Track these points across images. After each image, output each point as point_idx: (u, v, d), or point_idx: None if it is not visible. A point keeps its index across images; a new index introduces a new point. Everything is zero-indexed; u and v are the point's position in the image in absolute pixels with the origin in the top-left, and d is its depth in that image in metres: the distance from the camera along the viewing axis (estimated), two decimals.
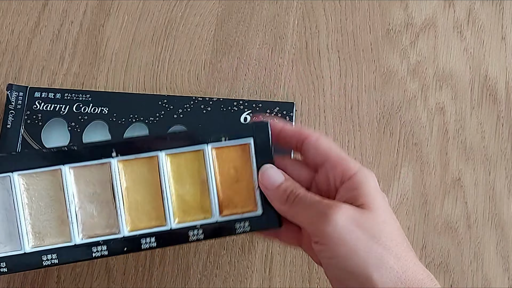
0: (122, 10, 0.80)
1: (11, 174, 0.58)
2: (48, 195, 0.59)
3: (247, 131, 0.61)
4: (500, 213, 0.73)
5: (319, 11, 0.80)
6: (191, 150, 0.61)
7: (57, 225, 0.59)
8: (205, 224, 0.60)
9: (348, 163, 0.58)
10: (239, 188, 0.61)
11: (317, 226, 0.54)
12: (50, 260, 0.58)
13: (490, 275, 0.71)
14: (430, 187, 0.74)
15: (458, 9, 0.81)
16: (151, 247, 0.59)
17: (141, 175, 0.60)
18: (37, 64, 0.77)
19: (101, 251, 0.59)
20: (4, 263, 0.58)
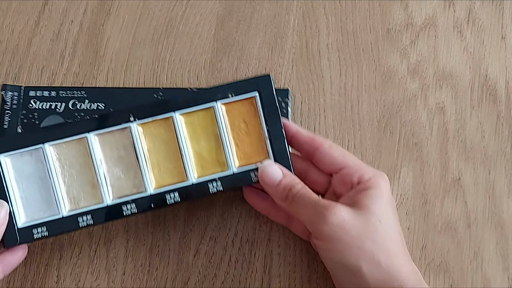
0: (122, 10, 0.80)
1: (43, 145, 0.65)
2: (78, 163, 0.66)
3: (251, 86, 0.67)
4: (500, 212, 0.73)
5: (319, 10, 0.80)
6: (203, 108, 0.67)
7: (89, 190, 0.66)
8: (223, 176, 0.66)
9: (365, 169, 0.64)
10: (251, 141, 0.67)
11: (315, 225, 0.60)
12: (86, 221, 0.65)
13: (490, 275, 0.71)
14: (430, 187, 0.74)
15: (458, 8, 0.81)
16: (176, 201, 0.66)
17: (159, 136, 0.67)
18: (37, 63, 0.77)
19: (131, 209, 0.65)
20: (44, 227, 0.65)
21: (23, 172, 0.66)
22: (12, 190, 0.65)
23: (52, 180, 0.65)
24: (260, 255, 0.71)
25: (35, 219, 0.65)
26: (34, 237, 0.64)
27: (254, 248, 0.71)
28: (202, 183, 0.66)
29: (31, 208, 0.65)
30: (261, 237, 0.71)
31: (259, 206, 0.70)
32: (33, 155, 0.65)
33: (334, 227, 0.59)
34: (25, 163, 0.65)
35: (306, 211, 0.61)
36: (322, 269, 0.70)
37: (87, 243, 0.71)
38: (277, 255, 0.71)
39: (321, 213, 0.60)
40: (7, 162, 0.65)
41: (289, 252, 0.71)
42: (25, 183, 0.65)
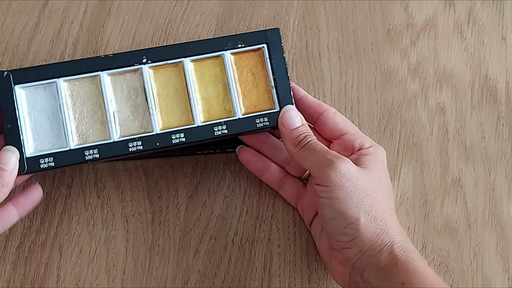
0: (122, 10, 0.80)
1: (57, 80, 0.66)
2: (90, 100, 0.67)
3: (260, 38, 0.69)
4: (500, 213, 0.73)
5: (319, 11, 0.80)
6: (212, 56, 0.69)
7: (98, 127, 0.67)
8: (229, 121, 0.67)
9: (365, 137, 0.68)
10: (257, 92, 0.69)
11: (323, 170, 0.62)
12: (92, 155, 0.66)
13: (490, 275, 0.71)
14: (430, 187, 0.74)
15: (459, 9, 0.81)
16: (181, 142, 0.67)
17: (169, 80, 0.68)
18: (37, 64, 0.77)
19: (137, 146, 0.66)
20: (51, 157, 0.65)
21: (36, 105, 0.67)
22: (23, 121, 0.66)
23: (63, 115, 0.66)
24: (260, 255, 0.71)
25: (43, 150, 0.66)
26: (40, 167, 0.65)
27: (254, 248, 0.71)
28: (208, 126, 0.67)
29: (40, 140, 0.66)
30: (261, 237, 0.71)
31: (253, 166, 0.72)
32: (47, 89, 0.67)
33: (341, 175, 0.61)
34: (38, 96, 0.67)
35: (316, 157, 0.63)
36: (322, 269, 0.70)
37: (87, 243, 0.71)
38: (277, 255, 0.71)
39: (330, 160, 0.62)
40: (21, 93, 0.66)
41: (289, 252, 0.71)
42: (37, 115, 0.66)
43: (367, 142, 0.67)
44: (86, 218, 0.71)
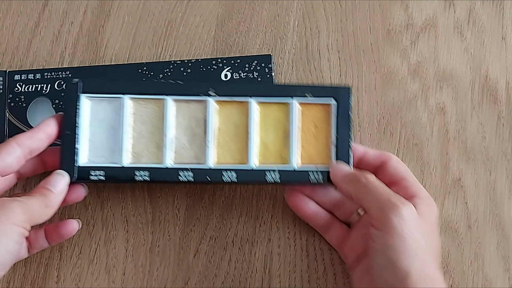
0: (122, 11, 0.80)
1: (124, 96, 0.67)
2: (150, 122, 0.68)
3: (331, 93, 0.69)
4: (500, 213, 0.73)
5: (319, 11, 0.80)
6: (279, 102, 0.69)
7: (153, 150, 0.68)
8: (283, 170, 0.67)
9: (421, 188, 0.66)
10: (317, 145, 0.69)
11: (385, 212, 0.60)
12: (142, 176, 0.66)
13: (491, 276, 0.71)
14: (430, 188, 0.74)
15: (459, 9, 0.81)
16: (232, 180, 0.66)
17: (231, 117, 0.69)
18: (37, 64, 0.77)
19: (187, 176, 0.66)
20: (102, 171, 0.66)
21: (97, 117, 0.67)
22: (82, 130, 0.66)
23: (122, 130, 0.67)
24: (260, 255, 0.71)
25: (96, 163, 0.66)
26: (90, 178, 0.65)
27: (254, 248, 0.71)
28: (261, 170, 0.67)
29: (94, 151, 0.67)
30: (261, 237, 0.71)
31: (302, 212, 0.70)
32: (111, 103, 0.68)
33: (403, 221, 0.59)
34: (101, 108, 0.68)
35: (378, 197, 0.61)
36: (322, 269, 0.70)
37: (87, 243, 0.71)
38: (277, 255, 0.71)
39: (394, 204, 0.60)
40: (86, 103, 0.67)
41: (289, 252, 0.71)
42: (96, 127, 0.67)
43: (422, 191, 0.65)
44: (86, 218, 0.71)
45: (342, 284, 0.70)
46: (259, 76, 0.75)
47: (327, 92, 0.69)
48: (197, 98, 0.68)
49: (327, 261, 0.70)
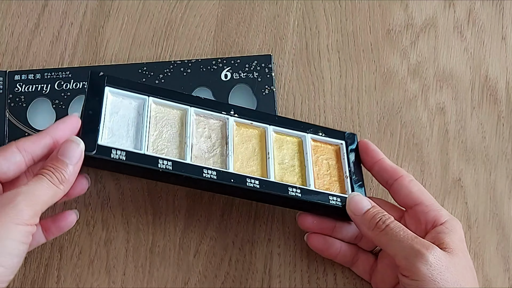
0: (122, 11, 0.80)
1: (147, 97, 0.67)
2: (171, 126, 0.67)
3: (340, 136, 0.72)
4: (500, 213, 0.73)
5: (319, 11, 0.80)
6: (294, 135, 0.71)
7: (174, 150, 0.66)
8: (303, 188, 0.67)
9: (441, 211, 0.65)
10: (330, 179, 0.70)
11: (412, 262, 0.59)
12: (165, 165, 0.63)
13: (491, 275, 0.71)
14: (430, 188, 0.74)
15: (458, 9, 0.81)
16: (255, 187, 0.65)
17: (249, 140, 0.69)
18: (37, 65, 0.77)
19: (211, 174, 0.64)
20: (124, 152, 0.62)
21: (119, 112, 0.65)
22: (103, 117, 0.63)
23: (143, 127, 0.65)
24: (260, 255, 0.71)
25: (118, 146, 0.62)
26: (111, 156, 0.60)
27: (254, 248, 0.71)
28: (282, 184, 0.66)
29: (113, 140, 0.63)
30: (261, 237, 0.71)
31: (326, 252, 0.69)
32: (133, 103, 0.66)
33: (432, 268, 0.58)
34: (123, 106, 0.66)
35: (401, 245, 0.60)
36: (322, 269, 0.70)
37: (87, 243, 0.70)
38: (277, 255, 0.71)
39: (419, 251, 0.59)
40: (109, 96, 0.65)
41: (289, 252, 0.71)
42: (117, 119, 0.65)
43: (442, 216, 0.64)
44: (86, 218, 0.71)
45: (342, 284, 0.70)
46: (259, 76, 0.75)
47: (337, 134, 0.72)
48: (218, 115, 0.68)
49: (327, 261, 0.70)
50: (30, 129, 0.72)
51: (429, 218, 0.64)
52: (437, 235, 0.62)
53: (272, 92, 0.75)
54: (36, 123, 0.73)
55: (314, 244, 0.69)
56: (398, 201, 0.68)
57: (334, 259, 0.69)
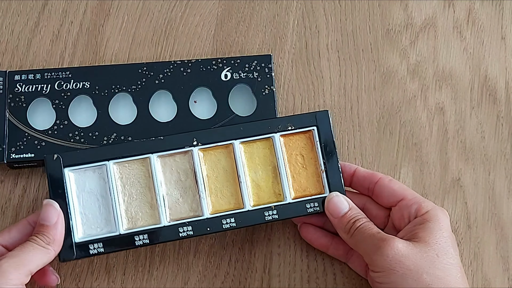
0: (122, 10, 0.80)
1: (107, 162, 0.67)
2: (139, 183, 0.67)
3: (310, 120, 0.70)
4: (500, 213, 0.73)
5: (319, 11, 0.80)
6: (262, 138, 0.69)
7: (147, 210, 0.67)
8: (279, 205, 0.67)
9: (423, 202, 0.65)
10: (307, 174, 0.69)
11: (371, 256, 0.62)
12: (142, 240, 0.65)
13: (490, 275, 0.71)
14: (430, 187, 0.74)
15: (458, 9, 0.81)
16: (232, 227, 0.66)
17: (219, 162, 0.69)
18: (37, 64, 0.77)
19: (187, 231, 0.66)
20: (101, 243, 0.65)
21: (85, 188, 0.67)
22: (72, 205, 0.66)
23: (112, 198, 0.66)
24: (260, 255, 0.71)
25: (92, 235, 0.65)
26: (90, 252, 0.65)
27: (254, 248, 0.71)
28: (258, 210, 0.67)
29: (88, 224, 0.66)
30: (261, 237, 0.71)
31: (317, 242, 0.70)
32: (96, 172, 0.67)
33: (389, 259, 0.60)
34: (87, 178, 0.67)
35: (365, 243, 0.63)
36: (322, 269, 0.70)
37: None
38: (277, 255, 0.71)
39: (377, 245, 0.61)
40: (70, 176, 0.66)
41: (289, 252, 0.71)
42: (86, 198, 0.67)
43: (424, 206, 0.65)
44: None
45: (342, 284, 0.70)
46: (259, 76, 0.75)
47: (306, 119, 0.70)
48: (181, 150, 0.68)
49: (327, 261, 0.70)
50: (30, 129, 0.72)
51: (411, 211, 0.65)
52: (411, 227, 0.64)
53: (272, 92, 0.75)
54: (36, 123, 0.73)
55: (305, 234, 0.70)
56: (383, 203, 0.68)
57: (326, 251, 0.70)
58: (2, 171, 0.73)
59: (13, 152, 0.71)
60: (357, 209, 0.66)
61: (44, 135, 0.72)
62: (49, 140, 0.72)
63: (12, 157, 0.71)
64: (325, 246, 0.70)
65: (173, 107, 0.74)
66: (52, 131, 0.72)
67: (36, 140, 0.72)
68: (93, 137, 0.72)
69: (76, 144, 0.72)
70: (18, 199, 0.72)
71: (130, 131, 0.73)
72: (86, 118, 0.74)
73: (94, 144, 0.72)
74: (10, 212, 0.72)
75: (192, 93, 0.75)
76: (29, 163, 0.72)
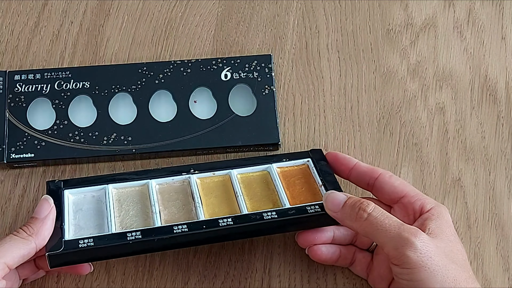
0: (122, 10, 0.80)
1: (107, 186, 0.67)
2: (136, 204, 0.67)
3: (304, 155, 0.71)
4: (500, 213, 0.73)
5: (319, 11, 0.80)
6: (259, 170, 0.70)
7: (142, 222, 0.66)
8: (279, 209, 0.66)
9: (426, 199, 0.65)
10: (306, 192, 0.69)
11: (401, 251, 0.58)
12: (135, 235, 0.63)
13: (490, 275, 0.71)
14: (430, 187, 0.74)
15: (458, 9, 0.81)
16: (228, 224, 0.64)
17: (216, 189, 0.69)
18: (37, 64, 0.77)
19: (182, 229, 0.63)
20: (91, 239, 0.62)
21: (82, 208, 0.67)
22: (67, 219, 0.65)
23: (108, 215, 0.65)
24: (260, 255, 0.71)
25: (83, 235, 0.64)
26: (79, 246, 0.62)
27: (254, 248, 0.71)
28: (257, 213, 0.65)
29: (81, 233, 0.65)
30: (261, 238, 0.71)
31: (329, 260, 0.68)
32: (95, 195, 0.67)
33: (422, 255, 0.57)
34: (86, 201, 0.67)
35: (388, 235, 0.59)
36: (322, 269, 0.70)
37: None
38: (277, 255, 0.71)
39: (406, 238, 0.58)
40: (69, 197, 0.67)
41: (289, 252, 0.71)
42: (82, 214, 0.66)
43: (427, 203, 0.64)
44: None
45: (342, 284, 0.70)
46: (259, 76, 0.75)
47: (300, 155, 0.71)
48: (179, 178, 0.69)
49: None
50: (30, 129, 0.72)
51: (415, 207, 0.64)
52: (423, 222, 0.62)
53: (272, 92, 0.75)
54: (36, 123, 0.73)
55: (314, 254, 0.68)
56: (383, 199, 0.67)
57: (335, 263, 0.69)
58: (2, 171, 0.73)
59: (13, 152, 0.71)
60: (356, 197, 0.64)
61: (44, 135, 0.72)
62: (49, 140, 0.72)
63: (12, 157, 0.71)
64: (334, 261, 0.68)
65: (173, 107, 0.74)
66: (52, 131, 0.73)
67: (36, 140, 0.72)
68: (93, 137, 0.72)
69: (76, 144, 0.72)
70: (18, 199, 0.72)
71: (130, 131, 0.73)
72: (86, 118, 0.74)
73: (94, 144, 0.72)
74: (10, 212, 0.72)
75: (192, 93, 0.75)
76: (29, 163, 0.72)
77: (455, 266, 0.59)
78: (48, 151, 0.72)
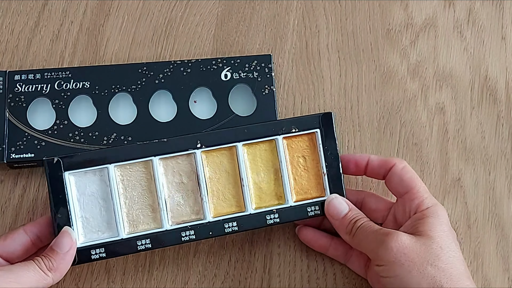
0: (122, 10, 0.80)
1: (109, 165, 0.66)
2: (141, 185, 0.67)
3: (314, 122, 0.69)
4: (500, 213, 0.73)
5: (319, 11, 0.80)
6: (265, 140, 0.69)
7: (148, 213, 0.67)
8: (280, 209, 0.68)
9: (426, 199, 0.66)
10: (308, 176, 0.69)
11: (376, 251, 0.62)
12: (144, 245, 0.66)
13: (490, 275, 0.71)
14: (430, 187, 0.74)
15: (458, 9, 0.81)
16: (234, 231, 0.67)
17: (221, 165, 0.68)
18: (37, 64, 0.77)
19: (189, 235, 0.66)
20: (103, 248, 0.65)
21: (86, 191, 0.66)
22: (73, 209, 0.65)
23: (114, 201, 0.66)
24: (260, 255, 0.71)
25: (94, 240, 0.65)
26: (92, 257, 0.65)
27: (254, 248, 0.71)
28: (260, 214, 0.67)
29: (90, 228, 0.66)
30: (261, 237, 0.71)
31: (315, 244, 0.70)
32: (97, 174, 0.66)
33: (394, 252, 0.61)
34: (88, 182, 0.66)
35: (368, 240, 0.63)
36: (322, 269, 0.70)
37: None
38: (277, 255, 0.71)
39: (381, 240, 0.62)
40: (71, 180, 0.66)
41: (289, 252, 0.71)
42: (86, 202, 0.66)
43: (425, 203, 0.65)
44: None
45: (342, 284, 0.70)
46: (259, 76, 0.75)
47: (310, 121, 0.69)
48: (184, 153, 0.67)
49: (327, 261, 0.70)
50: (30, 129, 0.72)
51: (412, 206, 0.65)
52: (412, 223, 0.64)
53: (272, 92, 0.75)
54: (36, 123, 0.73)
55: (303, 236, 0.70)
56: (392, 190, 0.69)
57: (325, 252, 0.70)
58: (2, 171, 0.73)
59: (13, 152, 0.71)
60: (356, 209, 0.67)
61: (44, 135, 0.72)
62: (49, 140, 0.72)
63: (12, 157, 0.71)
64: (324, 247, 0.70)
65: (173, 107, 0.74)
66: (52, 131, 0.72)
67: (36, 140, 0.72)
68: (93, 137, 0.72)
69: (76, 144, 0.72)
70: (18, 199, 0.72)
71: (130, 131, 0.73)
72: (86, 118, 0.74)
73: (94, 144, 0.72)
74: (10, 212, 0.72)
75: (192, 93, 0.75)
76: (29, 163, 0.72)
77: (439, 263, 0.61)
78: (48, 151, 0.72)
